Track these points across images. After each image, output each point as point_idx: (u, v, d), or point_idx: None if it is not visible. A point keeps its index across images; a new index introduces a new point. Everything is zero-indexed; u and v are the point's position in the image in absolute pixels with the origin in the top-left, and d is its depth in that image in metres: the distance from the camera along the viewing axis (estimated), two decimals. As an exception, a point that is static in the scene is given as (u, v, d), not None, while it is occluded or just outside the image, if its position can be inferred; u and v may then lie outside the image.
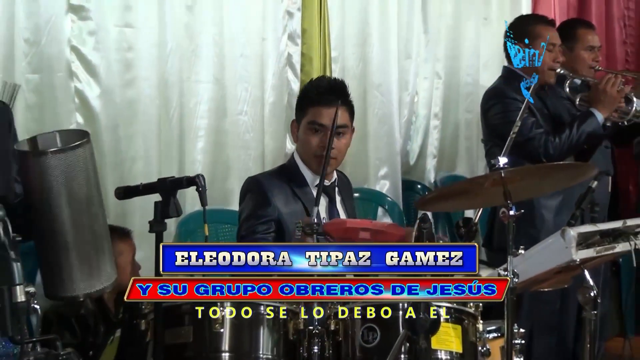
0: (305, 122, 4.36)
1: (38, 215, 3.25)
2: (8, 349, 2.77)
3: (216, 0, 5.64)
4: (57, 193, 3.18)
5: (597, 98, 5.44)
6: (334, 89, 4.41)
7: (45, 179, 3.17)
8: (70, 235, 3.21)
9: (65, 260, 3.22)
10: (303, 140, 4.40)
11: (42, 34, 4.90)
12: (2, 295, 2.58)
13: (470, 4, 7.24)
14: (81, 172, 3.22)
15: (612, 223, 3.96)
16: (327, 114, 4.30)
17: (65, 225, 3.21)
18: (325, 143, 4.27)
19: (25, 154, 3.25)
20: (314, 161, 4.37)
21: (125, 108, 5.24)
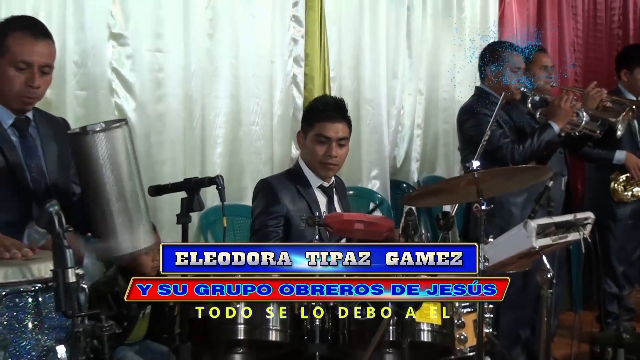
0: (313, 135, 4.37)
1: (89, 188, 3.32)
2: (61, 321, 2.78)
3: (232, 30, 5.65)
4: (103, 166, 3.25)
5: (553, 112, 5.44)
6: (337, 107, 4.44)
7: (93, 154, 3.24)
8: (115, 204, 3.28)
9: (111, 225, 3.29)
10: (310, 149, 4.39)
11: (88, 58, 4.94)
12: (57, 276, 2.60)
13: (447, 33, 7.22)
14: (122, 148, 3.28)
15: (565, 216, 3.97)
16: (331, 129, 4.34)
17: (111, 195, 3.27)
18: (329, 152, 4.33)
19: (75, 134, 3.31)
20: (319, 167, 4.39)
21: (156, 119, 5.26)
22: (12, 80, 3.43)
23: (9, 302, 2.74)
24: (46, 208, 2.70)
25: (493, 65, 5.55)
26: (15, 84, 3.43)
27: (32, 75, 3.43)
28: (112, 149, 3.26)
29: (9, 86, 3.44)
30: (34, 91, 3.47)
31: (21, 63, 3.42)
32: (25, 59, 3.42)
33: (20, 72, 3.43)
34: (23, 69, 3.42)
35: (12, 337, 2.73)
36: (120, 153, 3.30)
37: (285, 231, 4.24)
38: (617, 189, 6.40)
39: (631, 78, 6.58)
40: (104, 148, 3.26)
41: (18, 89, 3.44)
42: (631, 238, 6.61)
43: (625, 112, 5.85)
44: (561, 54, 8.04)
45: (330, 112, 4.39)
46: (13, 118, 3.52)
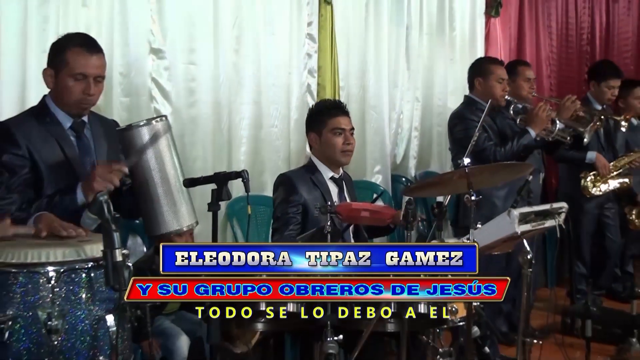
0: (328, 130, 4.35)
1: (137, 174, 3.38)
2: (110, 294, 2.79)
3: (255, 45, 5.66)
4: (148, 156, 3.32)
5: (531, 119, 5.45)
6: (339, 105, 4.48)
7: (138, 145, 3.31)
8: (160, 188, 3.35)
9: (158, 206, 3.37)
10: (329, 143, 4.36)
11: (131, 69, 4.97)
12: (106, 256, 2.61)
13: (440, 49, 7.21)
14: (163, 139, 3.36)
15: (542, 206, 3.97)
16: (342, 121, 4.36)
17: (157, 179, 3.35)
18: (347, 140, 4.36)
19: (122, 130, 3.42)
20: (341, 155, 4.38)
21: (189, 122, 5.28)
22: (71, 89, 3.46)
23: (66, 278, 2.77)
24: (97, 197, 2.72)
25: (480, 77, 5.55)
26: (74, 92, 3.47)
27: (88, 85, 3.47)
28: (155, 140, 3.34)
29: (69, 95, 3.48)
30: (90, 98, 3.51)
31: (78, 75, 3.45)
32: (82, 71, 3.45)
33: (77, 82, 3.46)
34: (80, 79, 3.45)
35: (69, 307, 2.76)
36: (162, 142, 3.37)
37: (303, 217, 4.23)
38: (586, 185, 6.40)
39: (598, 89, 6.58)
40: (147, 139, 3.32)
41: (76, 97, 3.48)
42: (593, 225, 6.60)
43: (593, 124, 5.88)
44: (538, 67, 8.03)
45: (336, 110, 4.42)
46: (71, 121, 3.55)
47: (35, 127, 3.47)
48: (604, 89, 6.56)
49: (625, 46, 9.50)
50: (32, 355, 2.72)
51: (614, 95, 6.64)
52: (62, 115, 3.54)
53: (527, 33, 8.10)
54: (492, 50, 7.51)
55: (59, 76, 3.48)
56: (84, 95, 3.47)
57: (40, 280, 2.73)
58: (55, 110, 3.53)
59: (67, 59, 3.46)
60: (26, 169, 3.38)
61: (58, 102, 3.53)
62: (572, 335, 5.70)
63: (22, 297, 2.72)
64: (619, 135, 6.58)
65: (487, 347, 4.83)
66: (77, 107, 3.52)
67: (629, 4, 9.56)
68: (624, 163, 6.51)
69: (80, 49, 3.48)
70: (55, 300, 2.73)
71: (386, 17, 6.63)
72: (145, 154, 3.33)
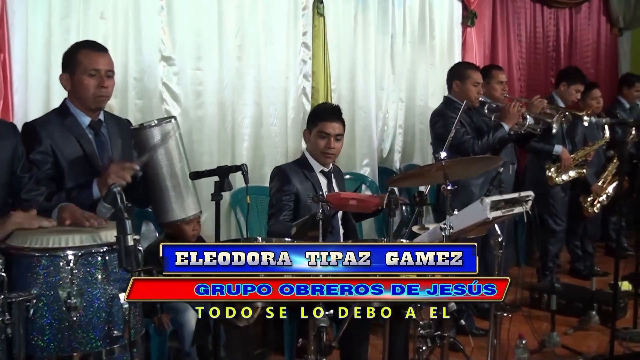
0: (316, 131, 4.32)
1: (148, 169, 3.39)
2: (123, 275, 2.78)
3: (256, 53, 5.64)
4: (158, 153, 3.33)
5: (504, 115, 5.43)
6: (334, 111, 4.41)
7: (150, 143, 3.32)
8: (168, 181, 3.37)
9: (167, 197, 3.39)
10: (314, 143, 4.33)
11: (144, 74, 4.96)
12: (119, 241, 2.60)
13: (421, 55, 7.18)
14: (172, 138, 3.37)
15: (511, 194, 3.95)
16: (330, 126, 4.30)
17: (166, 173, 3.37)
18: (329, 145, 4.30)
19: (135, 130, 3.42)
20: (321, 156, 4.34)
21: (196, 121, 5.27)
22: (87, 86, 3.47)
23: (84, 261, 2.77)
24: (111, 188, 2.71)
25: (458, 80, 5.53)
26: (90, 87, 3.47)
27: (101, 79, 3.49)
28: (164, 138, 3.33)
29: (86, 91, 3.48)
30: (105, 90, 3.52)
31: (92, 71, 3.47)
32: (94, 67, 3.48)
33: (92, 78, 3.47)
34: (94, 75, 3.47)
35: (86, 287, 2.77)
36: (171, 141, 3.37)
37: (295, 205, 4.21)
38: (551, 176, 6.40)
39: (567, 91, 6.62)
40: (158, 138, 3.34)
41: (92, 91, 3.48)
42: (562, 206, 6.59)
43: (558, 115, 5.88)
44: (509, 71, 8.02)
45: (329, 115, 4.35)
46: (89, 120, 3.54)
47: (58, 127, 3.47)
48: (572, 91, 6.61)
49: (586, 52, 9.51)
50: (53, 329, 2.73)
51: (577, 98, 6.70)
52: (81, 115, 3.54)
53: (500, 41, 8.08)
54: (468, 56, 7.48)
55: (75, 76, 3.49)
56: (99, 88, 3.48)
57: (60, 263, 2.74)
58: (75, 111, 3.53)
59: (80, 59, 3.48)
60: (49, 164, 3.39)
61: (77, 103, 3.53)
62: (539, 309, 5.69)
63: (44, 278, 2.73)
64: (579, 130, 6.59)
65: (463, 320, 4.83)
66: (94, 102, 3.52)
67: (589, 15, 9.57)
68: (582, 155, 6.52)
69: (89, 50, 3.51)
70: (74, 281, 2.73)
71: (373, 26, 6.61)
72: (155, 153, 3.33)
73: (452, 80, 5.60)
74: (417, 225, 4.30)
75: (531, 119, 5.64)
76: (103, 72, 3.49)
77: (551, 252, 6.53)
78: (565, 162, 6.39)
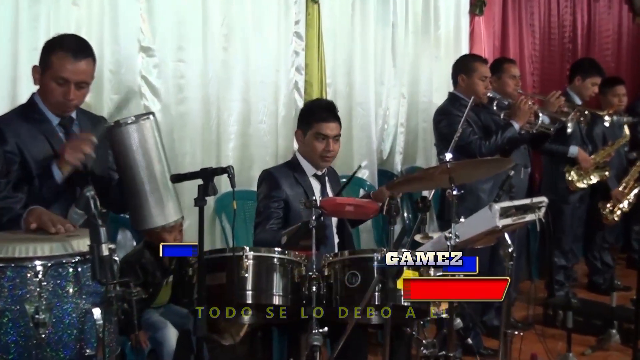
0: (312, 133, 4.31)
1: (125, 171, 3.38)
2: (97, 288, 2.78)
3: (244, 43, 5.64)
4: (135, 152, 3.32)
5: (514, 113, 5.44)
6: (330, 109, 4.42)
7: (126, 143, 3.32)
8: (147, 185, 3.35)
9: (145, 202, 3.36)
10: (310, 146, 4.33)
11: (121, 67, 4.95)
12: (93, 250, 2.60)
13: (425, 46, 7.20)
14: (150, 136, 3.36)
15: (523, 200, 3.97)
16: (327, 128, 4.31)
17: (143, 176, 3.35)
18: (328, 148, 4.32)
19: (111, 127, 3.39)
20: (319, 160, 4.35)
21: (178, 118, 5.26)
22: (52, 91, 3.44)
23: (54, 272, 2.76)
24: (84, 193, 2.72)
25: (464, 74, 5.54)
26: (54, 95, 3.44)
27: (68, 90, 3.43)
28: (142, 137, 3.34)
29: (50, 96, 3.46)
30: (70, 103, 3.47)
31: (60, 79, 3.42)
32: (64, 75, 3.41)
33: (58, 86, 3.42)
34: (61, 84, 3.42)
35: (56, 301, 2.75)
36: (149, 140, 3.36)
37: (285, 213, 4.22)
38: (572, 180, 6.41)
39: (583, 85, 6.60)
40: (135, 137, 3.33)
41: (56, 99, 3.45)
42: (575, 217, 6.61)
43: (574, 113, 5.88)
44: (521, 64, 8.03)
45: (326, 114, 4.36)
46: (59, 118, 3.54)
47: (25, 125, 3.45)
48: (588, 85, 6.60)
49: (606, 44, 9.53)
50: (19, 348, 2.71)
51: (594, 92, 6.67)
52: (50, 113, 3.52)
53: (511, 31, 8.10)
54: (476, 48, 7.51)
55: (44, 76, 3.46)
56: (64, 99, 3.44)
57: (27, 275, 2.72)
58: (43, 107, 3.51)
59: (52, 61, 3.43)
60: (15, 165, 3.37)
61: (44, 101, 3.51)
62: (553, 326, 5.71)
63: (9, 291, 2.71)
64: (599, 130, 6.60)
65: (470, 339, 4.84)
66: (57, 109, 3.50)
67: (609, 3, 9.60)
68: (603, 156, 6.53)
69: (66, 54, 3.42)
70: (42, 294, 2.72)
71: (372, 15, 6.61)
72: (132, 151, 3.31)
73: (457, 75, 5.61)
74: (420, 234, 4.31)
75: (545, 117, 5.66)
76: (73, 83, 3.43)
77: (556, 265, 6.55)
78: (583, 164, 6.40)
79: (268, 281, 3.51)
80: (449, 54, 7.21)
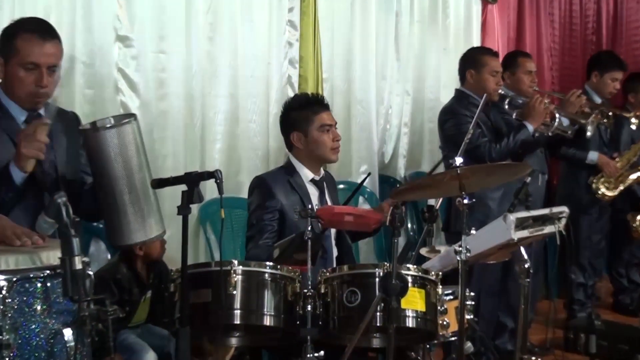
0: (316, 127, 4.32)
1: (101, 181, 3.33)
2: (68, 306, 2.78)
3: (232, 33, 5.65)
4: (114, 160, 3.27)
5: (528, 113, 5.44)
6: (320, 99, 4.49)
7: (104, 150, 3.26)
8: (126, 195, 3.29)
9: (124, 215, 3.31)
10: (318, 141, 4.33)
11: (95, 58, 4.96)
12: (65, 263, 2.59)
13: (432, 37, 7.22)
14: (131, 142, 3.31)
15: (541, 210, 3.97)
16: (328, 117, 4.37)
17: (123, 187, 3.30)
18: (336, 137, 4.37)
19: (87, 131, 3.35)
20: (331, 153, 4.37)
21: (159, 116, 5.27)
22: (22, 81, 3.41)
23: (20, 288, 2.74)
24: (54, 199, 2.70)
25: (472, 69, 5.55)
26: (25, 84, 3.41)
27: (40, 76, 3.40)
28: (122, 144, 3.28)
29: (20, 86, 3.42)
30: (44, 91, 3.44)
31: (29, 64, 3.39)
32: (34, 60, 3.39)
33: (29, 73, 3.40)
34: (31, 69, 3.40)
35: (22, 320, 2.73)
36: (130, 147, 3.31)
37: (280, 224, 4.20)
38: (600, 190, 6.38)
39: (601, 81, 6.59)
40: (115, 144, 3.28)
41: (28, 89, 3.42)
42: (595, 229, 6.62)
43: (595, 115, 5.88)
44: (539, 58, 8.03)
45: (319, 106, 4.41)
46: (26, 115, 3.50)
47: None
48: (607, 81, 6.58)
49: (635, 36, 9.47)
50: (-20, 372, 2.71)
51: (616, 89, 6.66)
52: (15, 109, 3.48)
53: (527, 21, 8.10)
54: (489, 39, 7.52)
55: (9, 65, 3.43)
56: (37, 87, 3.41)
57: (-10, 291, 2.71)
58: (7, 103, 3.48)
59: (17, 46, 3.40)
60: None
61: (10, 94, 3.47)
62: (575, 351, 5.70)
63: (-30, 310, 2.70)
64: (625, 132, 6.60)
65: (482, 365, 4.86)
66: (29, 101, 3.46)
67: (638, -10, 9.58)
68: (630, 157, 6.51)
69: (32, 35, 3.41)
70: (6, 313, 2.70)
71: (374, 3, 6.63)
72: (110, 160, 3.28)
73: (465, 70, 5.62)
74: (426, 248, 4.32)
75: (563, 118, 5.66)
76: (44, 68, 3.41)
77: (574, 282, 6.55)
78: (607, 168, 6.39)
79: (258, 299, 3.49)
80: (459, 46, 7.21)
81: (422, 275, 3.62)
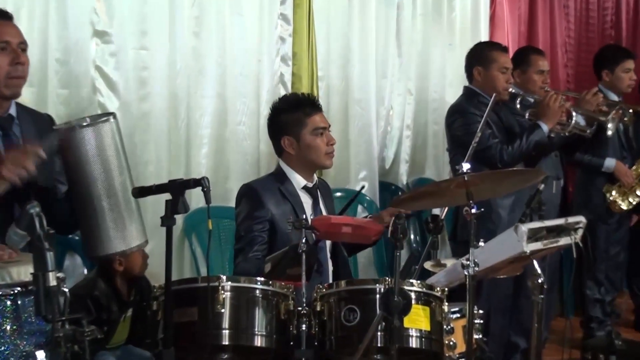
0: (309, 131, 4.33)
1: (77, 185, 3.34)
2: (41, 326, 2.77)
3: (219, 27, 5.65)
4: (92, 162, 3.29)
5: (542, 112, 5.46)
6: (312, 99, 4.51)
7: (80, 150, 3.28)
8: (105, 200, 3.30)
9: (102, 222, 3.31)
10: (312, 146, 4.34)
11: (70, 55, 4.95)
12: (37, 280, 2.59)
13: (437, 32, 7.24)
14: (111, 144, 3.32)
15: (556, 220, 3.97)
16: (321, 119, 4.38)
17: (101, 191, 3.30)
18: (330, 141, 4.38)
19: (61, 130, 3.39)
20: (325, 158, 4.38)
21: (140, 119, 5.26)
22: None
23: (-13, 306, 2.74)
24: (27, 210, 2.70)
25: (480, 65, 5.55)
26: (2, 65, 3.45)
27: (16, 53, 3.48)
28: (100, 144, 3.29)
29: None
30: (22, 68, 3.51)
31: (1, 43, 3.45)
32: (5, 38, 3.46)
33: (2, 53, 3.45)
34: (4, 48, 3.45)
35: (-11, 341, 2.74)
36: (110, 148, 3.32)
37: (271, 235, 4.21)
38: (615, 201, 6.39)
39: (613, 77, 6.59)
40: (92, 143, 3.29)
41: (5, 70, 3.46)
42: (613, 241, 6.61)
43: (615, 111, 5.88)
44: (553, 54, 8.04)
45: (312, 106, 4.43)
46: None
47: None
48: (620, 74, 6.59)
49: (659, 30, 9.52)
50: (-55, 398, 2.71)
51: (632, 79, 6.64)
52: None
53: (540, 14, 8.12)
54: (498, 34, 7.54)
55: None
56: (15, 65, 3.47)
57: (-44, 309, 2.71)
58: None
59: None
60: None
61: None
62: (593, 373, 5.71)
63: None
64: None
65: (492, 389, 4.85)
66: (8, 85, 3.50)
67: (661, -19, 9.59)
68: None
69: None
70: (-26, 334, 2.71)
71: (374, -6, 6.65)
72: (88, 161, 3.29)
73: (472, 67, 5.63)
74: (431, 261, 4.32)
75: (579, 117, 5.66)
76: (15, 45, 3.48)
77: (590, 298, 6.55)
78: (624, 178, 6.38)
79: (248, 318, 3.49)
80: (465, 42, 7.22)
81: (426, 292, 3.61)
